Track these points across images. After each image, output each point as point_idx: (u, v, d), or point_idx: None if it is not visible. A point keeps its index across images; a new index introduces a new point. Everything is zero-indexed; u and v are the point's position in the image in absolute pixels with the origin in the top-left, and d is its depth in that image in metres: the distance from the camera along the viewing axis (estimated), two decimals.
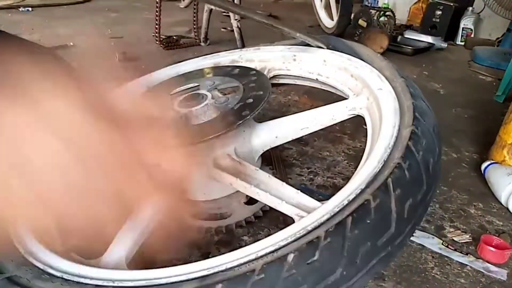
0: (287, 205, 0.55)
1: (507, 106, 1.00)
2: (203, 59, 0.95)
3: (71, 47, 1.92)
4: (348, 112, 0.71)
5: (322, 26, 2.59)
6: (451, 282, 0.65)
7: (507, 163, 0.96)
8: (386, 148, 0.52)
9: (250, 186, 0.60)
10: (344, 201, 0.46)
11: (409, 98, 0.61)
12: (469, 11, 2.46)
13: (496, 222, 0.81)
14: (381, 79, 0.68)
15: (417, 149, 0.51)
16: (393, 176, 0.47)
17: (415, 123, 0.55)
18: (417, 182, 0.49)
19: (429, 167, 0.51)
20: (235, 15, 1.72)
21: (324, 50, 0.83)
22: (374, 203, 0.44)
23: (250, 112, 0.62)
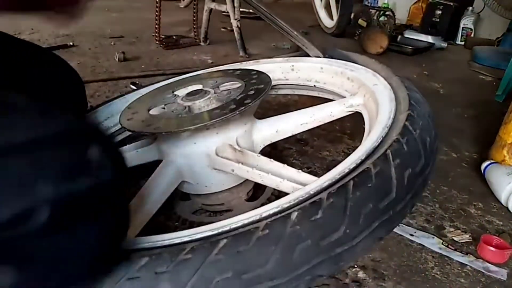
0: (288, 182, 0.56)
1: (507, 106, 1.00)
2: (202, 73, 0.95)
3: (71, 47, 1.92)
4: (346, 109, 0.74)
5: (322, 26, 2.59)
6: (451, 282, 0.65)
7: (507, 162, 0.96)
8: (384, 128, 0.55)
9: (252, 169, 0.61)
10: (345, 169, 0.48)
11: (404, 91, 0.64)
12: (469, 11, 2.47)
13: (496, 222, 0.81)
14: (376, 77, 0.71)
15: (414, 128, 0.53)
16: (392, 148, 0.49)
17: (411, 108, 0.58)
18: (415, 155, 0.51)
19: (426, 144, 0.54)
20: (235, 15, 1.72)
21: (321, 59, 0.87)
22: (374, 169, 0.45)
23: (251, 100, 0.64)
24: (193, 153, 0.67)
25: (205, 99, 0.69)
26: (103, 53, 1.86)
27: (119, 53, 1.74)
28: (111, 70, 1.63)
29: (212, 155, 0.66)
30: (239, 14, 1.74)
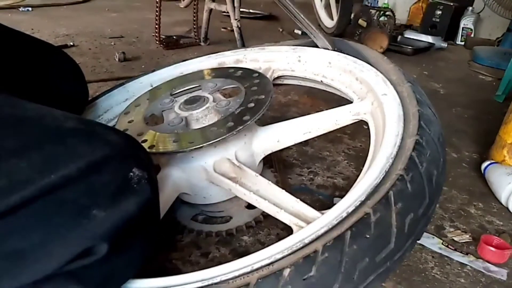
0: (285, 213, 0.54)
1: (507, 106, 1.00)
2: (207, 58, 0.95)
3: (71, 47, 1.92)
4: (351, 117, 0.70)
5: (322, 26, 2.59)
6: (451, 282, 0.65)
7: (507, 162, 0.96)
8: (388, 158, 0.51)
9: (249, 193, 0.59)
10: (343, 213, 0.44)
11: (415, 105, 0.58)
12: (469, 11, 2.46)
13: (496, 222, 0.81)
14: (386, 84, 0.66)
15: (420, 161, 0.49)
16: (394, 188, 0.45)
17: (420, 132, 0.52)
18: (420, 195, 0.47)
19: (433, 179, 0.49)
20: (235, 15, 1.72)
21: (330, 52, 0.82)
22: (374, 217, 0.42)
23: (251, 117, 0.62)
24: (191, 167, 0.66)
25: (203, 109, 0.67)
26: (103, 53, 1.86)
27: (119, 53, 1.74)
28: (111, 70, 1.63)
29: (210, 170, 0.65)
30: (239, 14, 1.73)
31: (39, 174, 0.33)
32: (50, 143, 0.36)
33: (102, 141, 0.39)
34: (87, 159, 0.36)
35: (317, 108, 1.31)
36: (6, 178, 0.32)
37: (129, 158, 0.41)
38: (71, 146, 0.37)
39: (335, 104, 1.31)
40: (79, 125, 0.40)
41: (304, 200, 0.83)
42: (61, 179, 0.34)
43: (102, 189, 0.37)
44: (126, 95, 0.89)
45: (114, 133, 0.42)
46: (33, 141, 0.36)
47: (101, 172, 0.37)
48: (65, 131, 0.38)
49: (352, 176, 0.94)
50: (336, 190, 0.88)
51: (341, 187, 0.90)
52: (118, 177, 0.39)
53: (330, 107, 1.36)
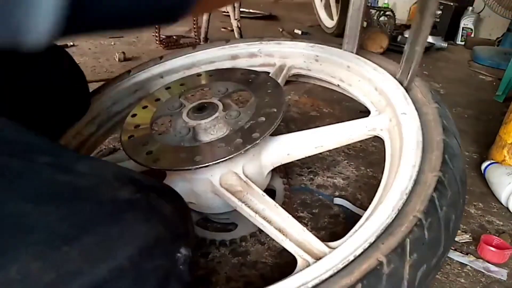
0: (290, 243, 0.51)
1: (507, 106, 1.00)
2: (220, 49, 0.91)
3: (71, 46, 1.92)
4: (367, 132, 0.65)
5: (322, 26, 2.59)
6: (451, 282, 0.65)
7: (507, 162, 0.96)
8: (402, 194, 0.46)
9: (255, 215, 0.56)
10: (351, 256, 0.40)
11: (440, 133, 0.52)
12: (469, 11, 2.46)
13: (496, 222, 0.81)
14: (406, 100, 0.61)
15: (441, 204, 0.44)
16: (412, 236, 0.40)
17: (443, 169, 0.47)
18: (435, 244, 0.43)
19: (450, 226, 0.45)
20: (235, 15, 1.72)
21: (349, 54, 0.77)
22: (387, 268, 0.38)
23: (260, 135, 0.59)
24: (196, 178, 0.64)
25: (212, 119, 0.64)
26: (103, 53, 1.86)
27: (119, 53, 1.74)
28: (111, 70, 1.63)
29: (216, 183, 0.62)
30: (239, 14, 1.73)
31: (90, 265, 0.31)
32: (105, 223, 0.33)
33: (157, 218, 0.37)
34: (140, 243, 0.34)
35: (317, 108, 1.31)
36: (55, 271, 0.29)
37: (180, 237, 0.39)
38: (126, 226, 0.34)
39: (335, 104, 1.32)
40: (134, 195, 0.37)
41: (304, 200, 0.84)
42: (112, 271, 0.31)
43: (150, 277, 0.34)
44: (134, 86, 0.86)
45: (169, 203, 0.40)
46: (87, 221, 0.33)
47: (152, 257, 0.35)
48: (120, 205, 0.36)
49: (352, 176, 0.94)
50: (336, 190, 0.88)
51: (341, 187, 0.90)
52: (167, 261, 0.37)
53: (330, 107, 1.36)
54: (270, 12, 2.95)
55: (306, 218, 0.79)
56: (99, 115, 0.83)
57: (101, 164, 0.40)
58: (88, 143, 0.81)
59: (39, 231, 0.30)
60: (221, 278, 0.65)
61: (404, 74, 0.66)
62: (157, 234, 0.36)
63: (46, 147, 0.35)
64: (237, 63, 0.90)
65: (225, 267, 0.67)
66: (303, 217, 0.79)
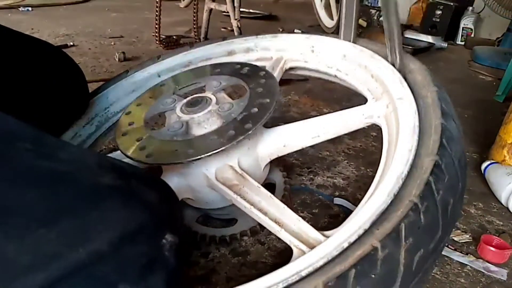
0: (286, 233, 0.51)
1: (507, 106, 1.00)
2: (217, 45, 0.91)
3: (71, 47, 1.92)
4: (364, 120, 0.64)
5: (322, 26, 2.59)
6: (451, 282, 0.65)
7: (507, 162, 0.96)
8: (398, 179, 0.45)
9: (250, 207, 0.56)
10: (345, 243, 0.40)
11: (438, 116, 0.51)
12: (469, 11, 2.46)
13: (496, 222, 0.81)
14: (402, 85, 0.60)
15: (437, 188, 0.43)
16: (406, 220, 0.40)
17: (440, 152, 0.46)
18: (433, 228, 0.42)
19: (448, 209, 0.44)
20: (235, 15, 1.72)
21: (345, 43, 0.76)
22: (382, 253, 0.37)
23: (253, 125, 0.59)
24: (192, 173, 0.64)
25: (205, 112, 0.64)
26: (103, 53, 1.86)
27: (119, 53, 1.74)
28: (111, 70, 1.63)
29: (212, 177, 0.62)
30: (239, 14, 1.73)
31: (68, 248, 0.30)
32: (84, 207, 0.33)
33: (139, 204, 0.37)
34: (121, 229, 0.33)
35: (317, 108, 1.31)
36: (31, 254, 0.29)
37: (165, 223, 0.39)
38: (106, 212, 0.34)
39: (335, 104, 1.32)
40: (116, 181, 0.37)
41: (304, 200, 0.84)
42: (91, 255, 0.31)
43: (132, 263, 0.34)
44: (133, 86, 0.87)
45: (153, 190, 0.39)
46: (66, 206, 0.33)
47: (134, 243, 0.34)
48: (101, 190, 0.35)
49: (352, 176, 0.94)
50: (336, 190, 0.88)
51: (341, 187, 0.90)
52: (151, 247, 0.36)
53: (329, 107, 1.36)
54: (270, 12, 2.95)
55: (306, 218, 0.79)
56: (97, 116, 0.83)
57: (83, 151, 0.40)
58: (87, 143, 0.81)
59: (16, 214, 0.30)
60: (221, 278, 0.65)
61: (393, 53, 0.65)
62: (140, 220, 0.36)
63: (28, 134, 0.35)
64: (233, 59, 0.90)
65: (225, 267, 0.67)
66: (303, 217, 0.78)
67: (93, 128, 0.82)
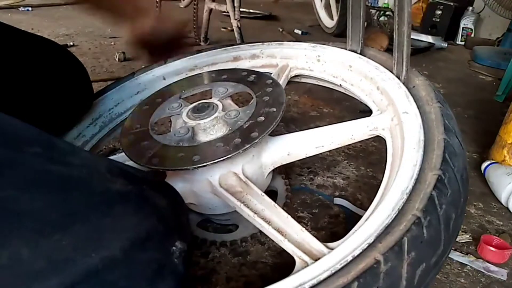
0: (289, 243, 0.51)
1: (507, 106, 1.00)
2: (223, 51, 0.92)
3: (71, 47, 1.92)
4: (369, 131, 0.65)
5: (322, 26, 2.59)
6: (451, 282, 0.65)
7: (507, 162, 0.96)
8: (403, 194, 0.45)
9: (254, 215, 0.56)
10: (349, 257, 0.40)
11: (441, 132, 0.52)
12: (469, 11, 2.46)
13: (496, 222, 0.81)
14: (408, 99, 0.60)
15: (440, 202, 0.44)
16: (409, 234, 0.40)
17: (443, 167, 0.47)
18: (435, 242, 0.43)
19: (450, 224, 0.44)
20: (235, 15, 1.72)
21: (351, 53, 0.77)
22: (384, 267, 0.37)
23: (259, 134, 0.59)
24: (196, 179, 0.64)
25: (211, 118, 0.64)
26: (103, 53, 1.86)
27: (119, 53, 1.74)
28: (111, 70, 1.63)
29: (215, 184, 0.62)
30: (239, 14, 1.73)
31: (82, 253, 0.30)
32: (97, 213, 0.33)
33: (150, 210, 0.37)
34: (132, 235, 0.33)
35: (317, 108, 1.31)
36: (46, 259, 0.29)
37: (174, 229, 0.39)
38: (118, 217, 0.34)
39: (335, 104, 1.33)
40: (126, 187, 0.37)
41: (304, 200, 0.84)
42: (104, 260, 0.31)
43: (143, 269, 0.34)
44: (137, 87, 0.87)
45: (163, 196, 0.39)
46: (78, 211, 0.32)
47: (145, 249, 0.34)
48: (112, 196, 0.35)
49: (352, 176, 0.94)
50: (336, 190, 0.88)
51: (341, 187, 0.90)
52: (161, 253, 0.36)
53: (330, 107, 1.36)
54: (270, 12, 2.95)
55: (306, 218, 0.79)
56: (102, 116, 0.83)
57: (93, 157, 0.39)
58: (91, 143, 0.81)
59: (29, 219, 0.30)
60: (221, 278, 0.65)
61: (399, 65, 0.65)
62: (150, 227, 0.36)
63: (38, 138, 0.35)
64: (239, 65, 0.90)
65: (225, 267, 0.67)
66: (303, 217, 0.79)
67: (97, 129, 0.82)
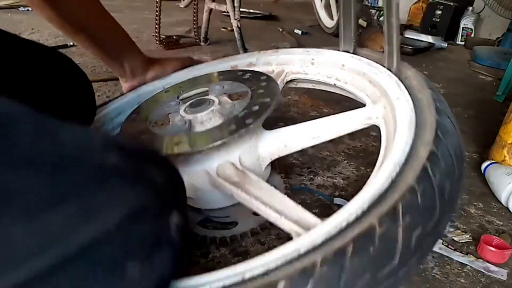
0: (286, 220, 0.52)
1: (507, 106, 1.00)
2: (221, 61, 0.96)
3: (71, 47, 1.92)
4: (363, 121, 0.67)
5: (322, 26, 2.60)
6: (451, 282, 0.65)
7: (507, 163, 0.96)
8: (396, 165, 0.47)
9: (250, 198, 0.57)
10: (344, 222, 0.41)
11: (433, 114, 0.54)
12: (469, 11, 2.47)
13: (496, 222, 0.81)
14: (399, 87, 0.62)
15: (434, 173, 0.45)
16: (403, 201, 0.41)
17: (436, 143, 0.48)
18: (430, 209, 0.43)
19: (445, 193, 0.45)
20: (235, 15, 1.72)
21: (343, 54, 0.79)
22: (379, 230, 0.38)
23: (253, 120, 0.61)
24: (193, 170, 0.65)
25: (208, 112, 0.66)
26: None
27: None
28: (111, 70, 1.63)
29: (213, 173, 0.63)
30: (239, 14, 1.73)
31: (73, 230, 0.30)
32: (89, 189, 0.32)
33: (145, 183, 0.36)
34: (127, 209, 0.33)
35: (317, 108, 1.31)
36: (37, 237, 0.28)
37: (171, 203, 0.39)
38: (112, 192, 0.33)
39: (335, 104, 1.32)
40: (121, 160, 0.36)
41: (304, 200, 0.84)
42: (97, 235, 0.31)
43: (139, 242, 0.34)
44: (138, 98, 0.91)
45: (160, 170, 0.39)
46: (70, 188, 0.32)
47: (141, 222, 0.34)
48: (105, 170, 0.35)
49: (352, 176, 0.94)
50: (336, 190, 0.88)
51: (341, 187, 0.90)
52: (157, 226, 0.36)
53: (330, 107, 1.36)
54: (270, 12, 2.96)
55: None
56: (104, 125, 0.86)
57: (87, 132, 0.38)
58: None
59: (19, 197, 0.29)
60: None
61: (390, 57, 0.67)
62: (146, 199, 0.35)
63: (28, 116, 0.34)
64: None
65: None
66: None
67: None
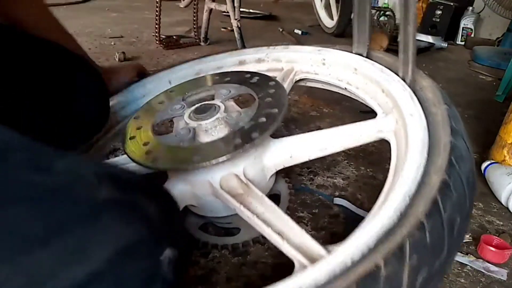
0: (288, 246, 0.50)
1: (507, 106, 1.00)
2: (228, 55, 0.93)
3: None
4: (374, 134, 0.64)
5: (322, 26, 2.60)
6: (451, 282, 0.65)
7: (507, 163, 0.96)
8: (405, 196, 0.44)
9: (254, 217, 0.55)
10: (348, 261, 0.39)
11: (448, 134, 0.51)
12: (469, 11, 2.47)
13: (496, 222, 0.81)
14: (413, 101, 0.59)
15: (445, 207, 0.43)
16: (411, 239, 0.39)
17: (449, 171, 0.46)
18: (438, 247, 0.41)
19: (454, 229, 0.44)
20: (235, 15, 1.72)
21: (356, 57, 0.76)
22: (385, 272, 0.37)
23: (259, 134, 0.59)
24: (197, 181, 0.63)
25: (213, 119, 0.64)
26: (103, 53, 1.85)
27: (119, 53, 1.74)
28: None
29: (216, 186, 0.61)
30: (239, 14, 1.73)
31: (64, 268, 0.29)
32: (81, 225, 0.32)
33: (138, 218, 0.36)
34: (118, 245, 0.32)
35: (317, 108, 1.31)
36: (26, 275, 0.28)
37: (165, 237, 0.38)
38: (104, 228, 0.33)
39: (335, 104, 1.33)
40: (113, 194, 0.35)
41: (304, 200, 0.84)
42: (89, 275, 0.30)
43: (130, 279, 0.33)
44: (143, 91, 0.88)
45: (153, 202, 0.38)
46: (61, 223, 0.31)
47: (132, 259, 0.34)
48: (98, 205, 0.34)
49: (352, 176, 0.94)
50: (336, 190, 0.88)
51: (341, 187, 0.90)
52: (149, 262, 0.36)
53: (330, 107, 1.36)
54: (270, 12, 2.96)
55: (306, 218, 0.79)
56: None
57: (80, 162, 0.37)
58: (96, 146, 0.82)
59: (7, 235, 0.29)
60: (221, 278, 0.65)
61: (405, 67, 0.64)
62: (138, 235, 0.35)
63: (22, 145, 0.33)
64: (244, 69, 0.91)
65: (225, 267, 0.67)
66: (303, 217, 0.79)
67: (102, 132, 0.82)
